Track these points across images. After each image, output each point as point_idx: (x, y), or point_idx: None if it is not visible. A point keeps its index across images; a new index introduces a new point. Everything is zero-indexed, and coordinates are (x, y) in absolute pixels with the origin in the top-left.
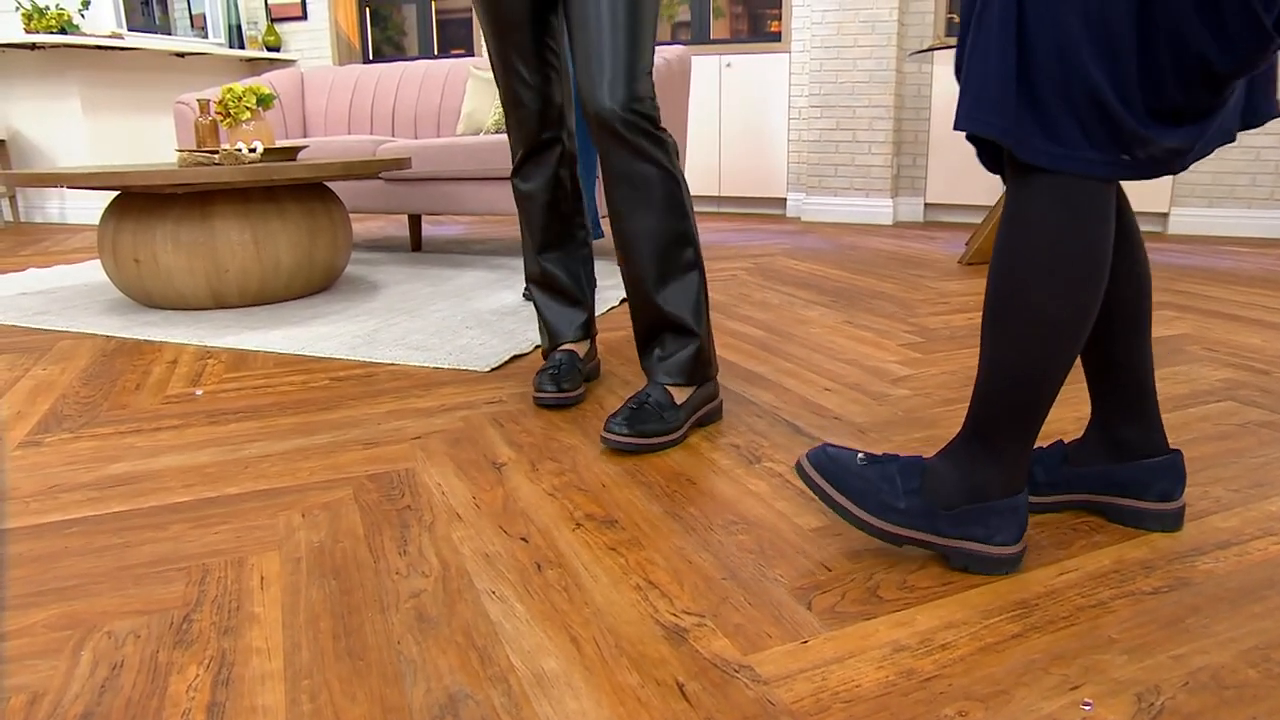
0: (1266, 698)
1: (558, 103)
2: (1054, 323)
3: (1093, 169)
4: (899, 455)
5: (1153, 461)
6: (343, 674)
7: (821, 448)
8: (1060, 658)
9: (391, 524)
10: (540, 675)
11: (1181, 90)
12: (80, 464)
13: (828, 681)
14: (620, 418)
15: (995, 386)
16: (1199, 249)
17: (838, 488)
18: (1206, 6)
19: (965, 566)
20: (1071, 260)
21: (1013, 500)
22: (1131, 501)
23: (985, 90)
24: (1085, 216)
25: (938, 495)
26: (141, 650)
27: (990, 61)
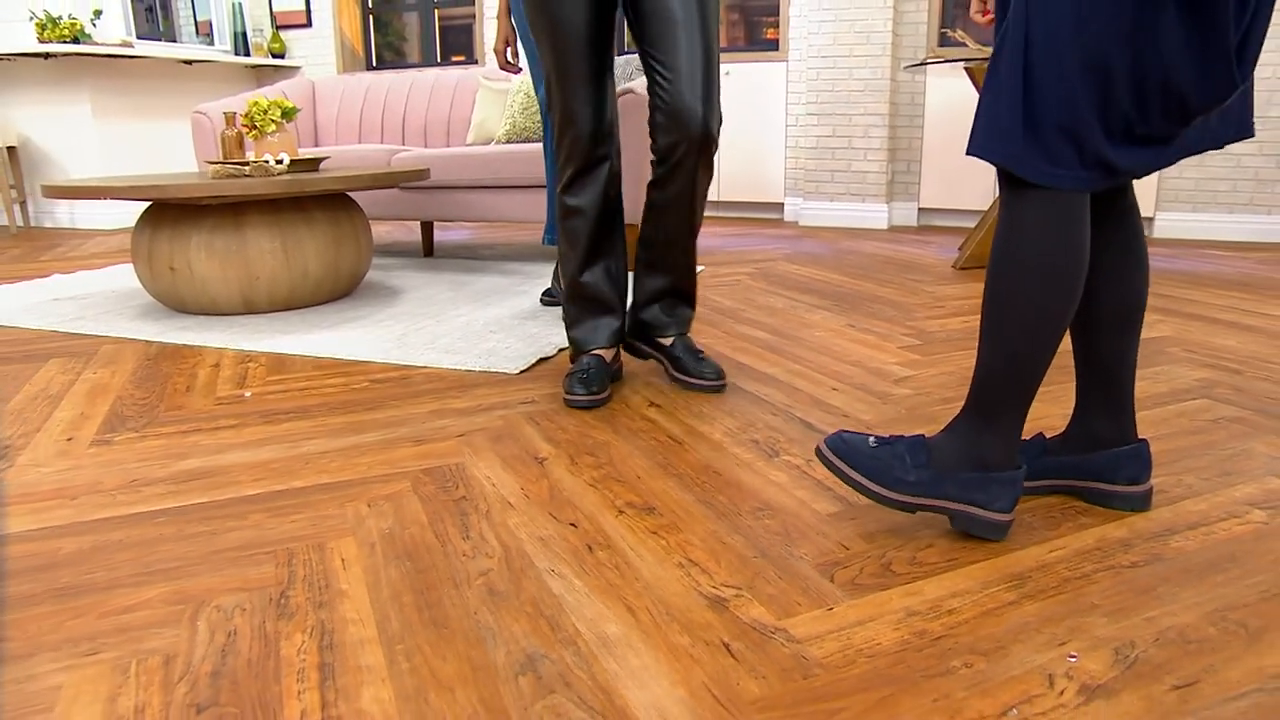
0: (1222, 649)
1: (610, 120)
2: (1049, 312)
3: (1080, 184)
4: (905, 435)
5: (1121, 450)
6: (431, 639)
7: (838, 434)
8: (1050, 620)
9: (451, 512)
10: (604, 638)
11: (1159, 122)
12: (153, 460)
13: (852, 640)
14: (709, 368)
15: (997, 368)
16: (1183, 253)
17: (854, 467)
18: (1194, 58)
19: (966, 528)
20: (1063, 259)
21: (1013, 474)
22: (1103, 485)
23: (996, 123)
24: (1072, 222)
25: (944, 464)
26: (250, 620)
27: (1001, 99)
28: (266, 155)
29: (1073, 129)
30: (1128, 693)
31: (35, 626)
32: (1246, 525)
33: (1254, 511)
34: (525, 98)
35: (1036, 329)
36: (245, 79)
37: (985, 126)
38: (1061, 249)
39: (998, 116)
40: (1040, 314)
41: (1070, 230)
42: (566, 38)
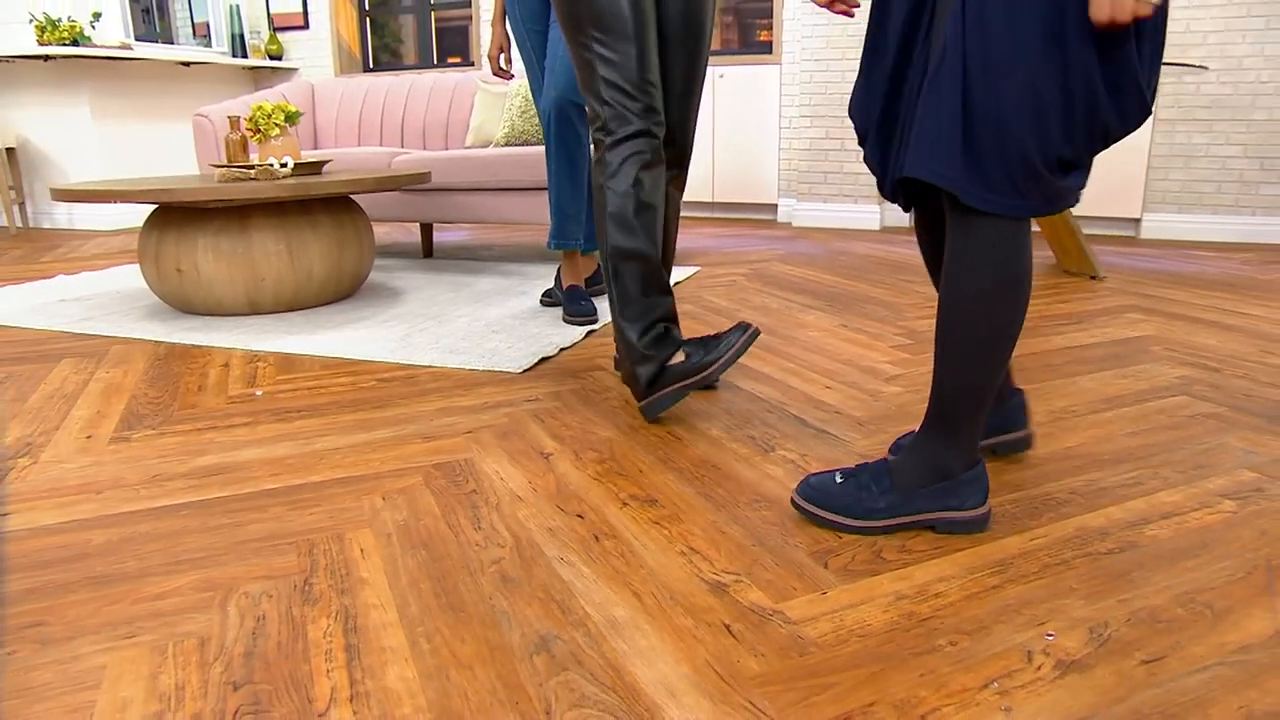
0: (1189, 628)
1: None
2: (1002, 331)
3: (1019, 211)
4: (867, 463)
5: (1010, 402)
6: (449, 622)
7: (805, 481)
8: (1030, 603)
9: (462, 505)
10: (612, 621)
11: (1084, 148)
12: (172, 457)
13: (844, 621)
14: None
15: (955, 386)
16: (1168, 253)
17: (828, 509)
18: (1115, 93)
19: (949, 530)
20: (1013, 282)
21: (974, 471)
22: (1005, 436)
23: (937, 145)
24: (1018, 247)
25: (909, 484)
26: (277, 606)
27: (942, 122)
28: (271, 159)
29: (1011, 158)
30: (1100, 667)
31: (74, 612)
32: (1217, 515)
33: (1224, 502)
34: (524, 101)
35: (992, 346)
36: (243, 81)
37: (927, 147)
38: (1012, 272)
39: (939, 139)
40: (995, 332)
41: (1018, 255)
42: (648, 35)
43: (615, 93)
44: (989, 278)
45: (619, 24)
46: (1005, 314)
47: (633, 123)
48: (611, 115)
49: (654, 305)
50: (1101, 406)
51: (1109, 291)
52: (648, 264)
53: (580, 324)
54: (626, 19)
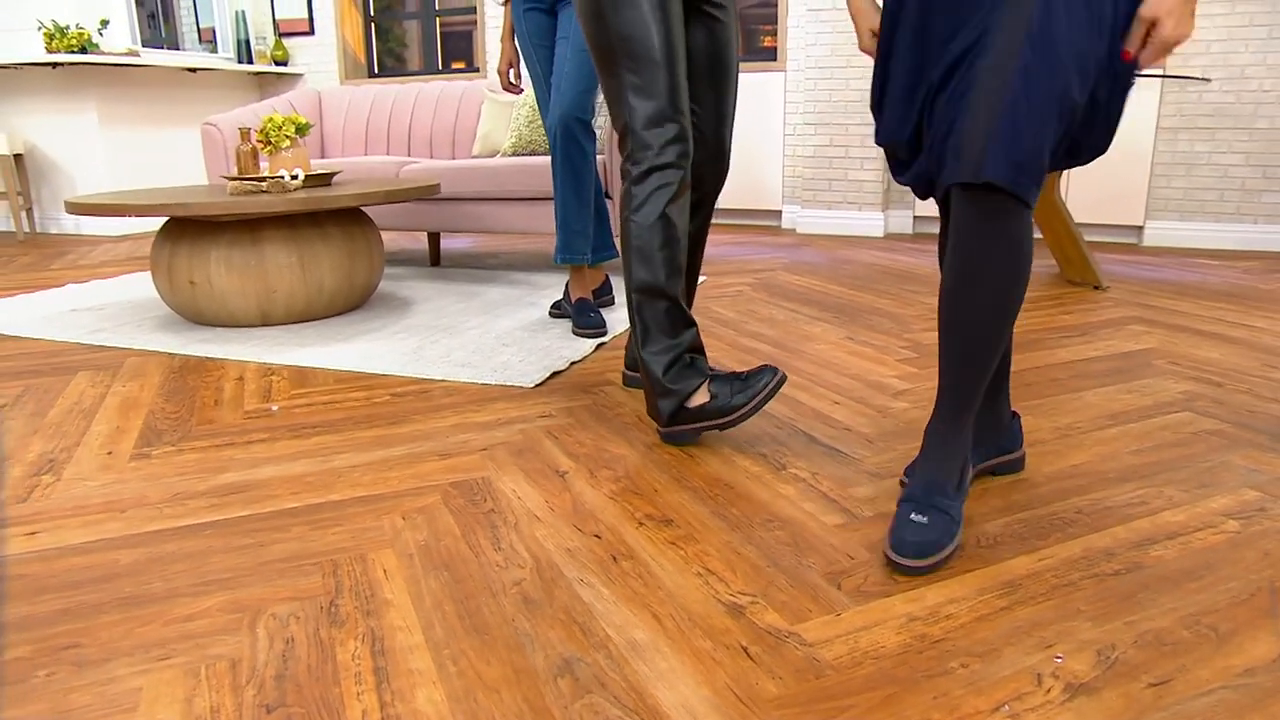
0: (1195, 650)
1: None
2: (1018, 307)
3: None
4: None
5: (1012, 424)
6: (475, 645)
7: (902, 541)
8: (1039, 625)
9: (481, 525)
10: (633, 643)
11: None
12: (191, 474)
13: (859, 644)
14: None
15: (980, 368)
16: (1171, 262)
17: (940, 550)
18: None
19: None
20: (1029, 263)
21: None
22: (1006, 457)
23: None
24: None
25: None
26: (305, 628)
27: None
28: (282, 170)
29: (1041, 156)
30: (1108, 690)
31: (107, 634)
32: (1221, 535)
33: (1228, 522)
34: (530, 111)
35: (1009, 323)
36: (248, 86)
37: (1008, 155)
38: (1028, 254)
39: (1020, 146)
40: (1013, 310)
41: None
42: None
43: (645, 122)
44: (1023, 270)
45: (649, 52)
46: (1022, 293)
47: (662, 154)
48: (639, 145)
49: (678, 339)
50: (1106, 423)
51: (1112, 302)
52: (669, 299)
53: (589, 337)
54: (656, 47)
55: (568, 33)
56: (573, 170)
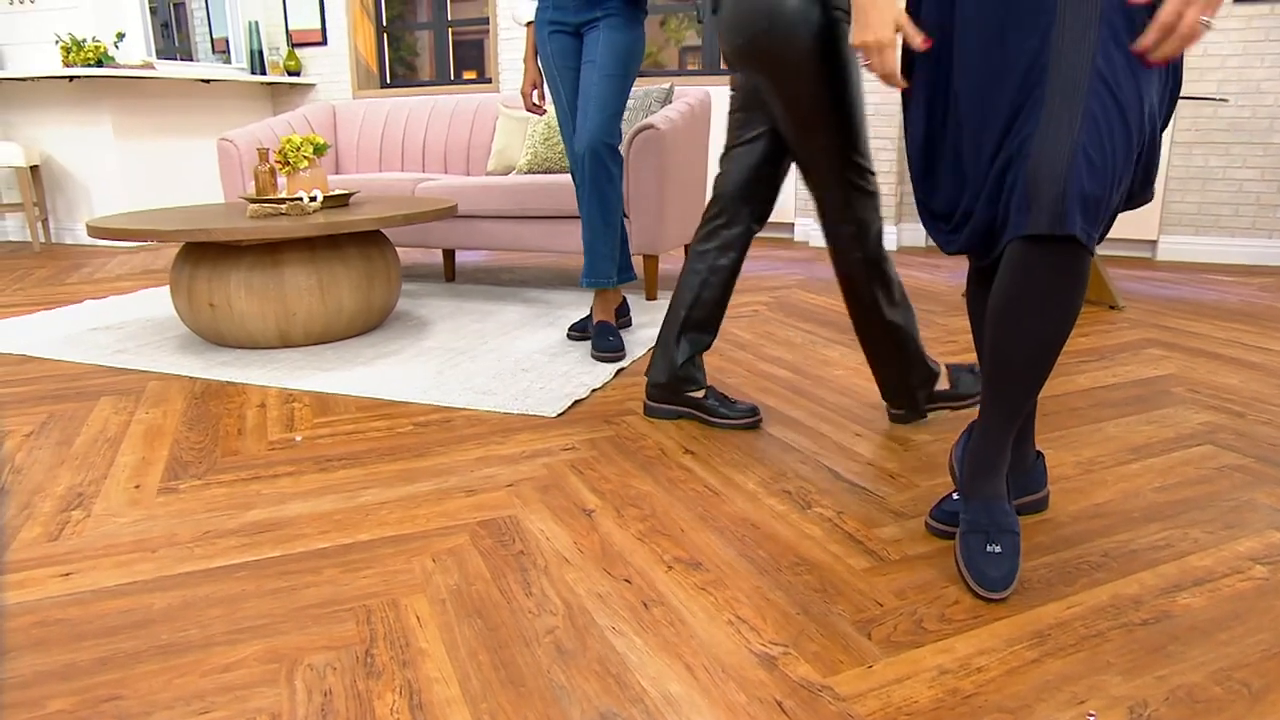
0: (1227, 709)
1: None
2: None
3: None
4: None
5: (1037, 463)
6: (511, 698)
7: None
8: (1069, 678)
9: (511, 568)
10: (668, 696)
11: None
12: (220, 511)
13: (892, 699)
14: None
15: (1032, 399)
16: (1185, 278)
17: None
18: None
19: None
20: (1081, 300)
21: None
22: (1030, 497)
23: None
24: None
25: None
26: (342, 680)
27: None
28: (300, 191)
29: (1107, 206)
30: None
31: (146, 685)
32: (1249, 581)
33: (1256, 567)
34: (546, 128)
35: (1057, 355)
36: (262, 97)
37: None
38: (1083, 293)
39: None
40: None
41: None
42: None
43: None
44: (1079, 302)
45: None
46: (1070, 330)
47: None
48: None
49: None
50: (1128, 457)
51: (1129, 323)
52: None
53: (608, 361)
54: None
55: (594, 56)
56: (600, 196)
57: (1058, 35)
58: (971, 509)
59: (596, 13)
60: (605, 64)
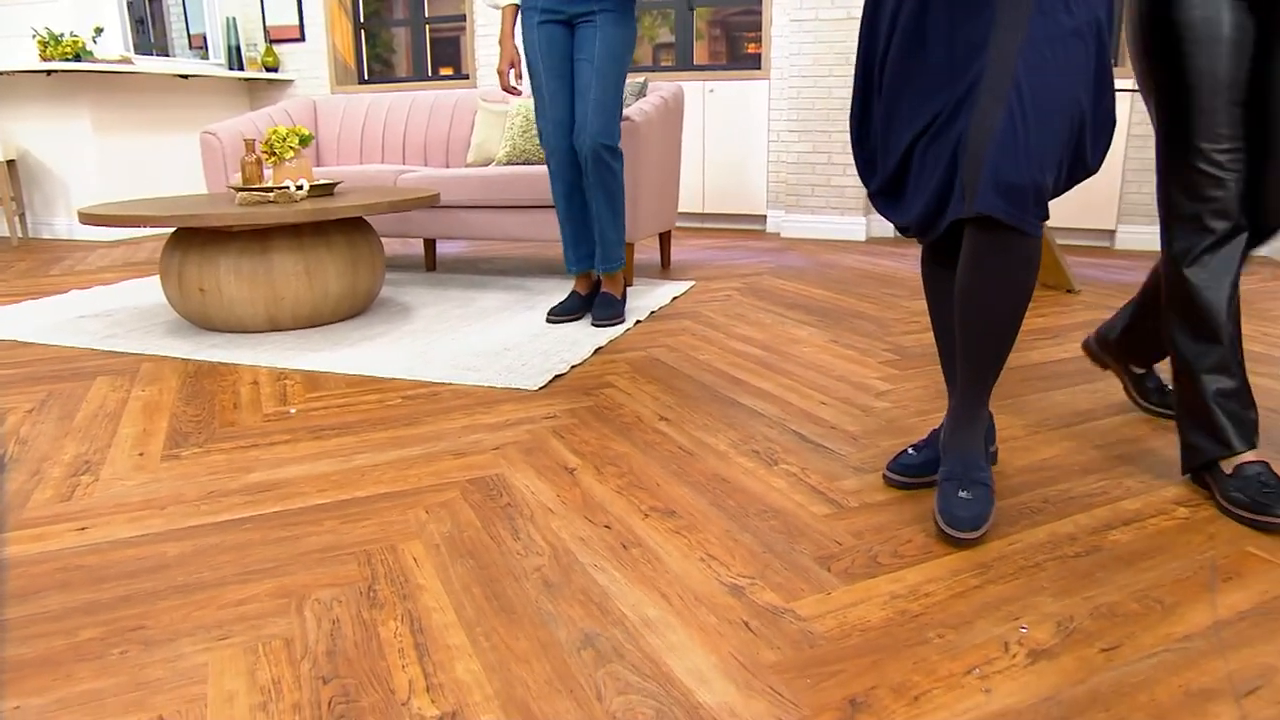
0: (1142, 620)
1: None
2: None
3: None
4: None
5: (989, 423)
6: (503, 623)
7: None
8: (1007, 600)
9: (499, 517)
10: (646, 619)
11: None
12: (222, 474)
13: (847, 618)
14: None
15: (996, 371)
16: (1141, 265)
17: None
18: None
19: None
20: (1034, 281)
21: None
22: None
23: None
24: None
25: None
26: (348, 610)
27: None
28: (287, 181)
29: (1045, 188)
30: (1065, 655)
31: (168, 617)
32: (1172, 521)
33: (1179, 509)
34: (524, 120)
35: (1016, 332)
36: (240, 93)
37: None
38: (1034, 275)
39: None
40: (1018, 321)
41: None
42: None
43: None
44: (1030, 284)
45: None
46: (1029, 296)
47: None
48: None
49: None
50: (1073, 420)
51: (1083, 305)
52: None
53: (609, 324)
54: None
55: (590, 55)
56: (607, 193)
57: (993, 33)
58: (949, 460)
59: (593, 6)
60: (603, 64)
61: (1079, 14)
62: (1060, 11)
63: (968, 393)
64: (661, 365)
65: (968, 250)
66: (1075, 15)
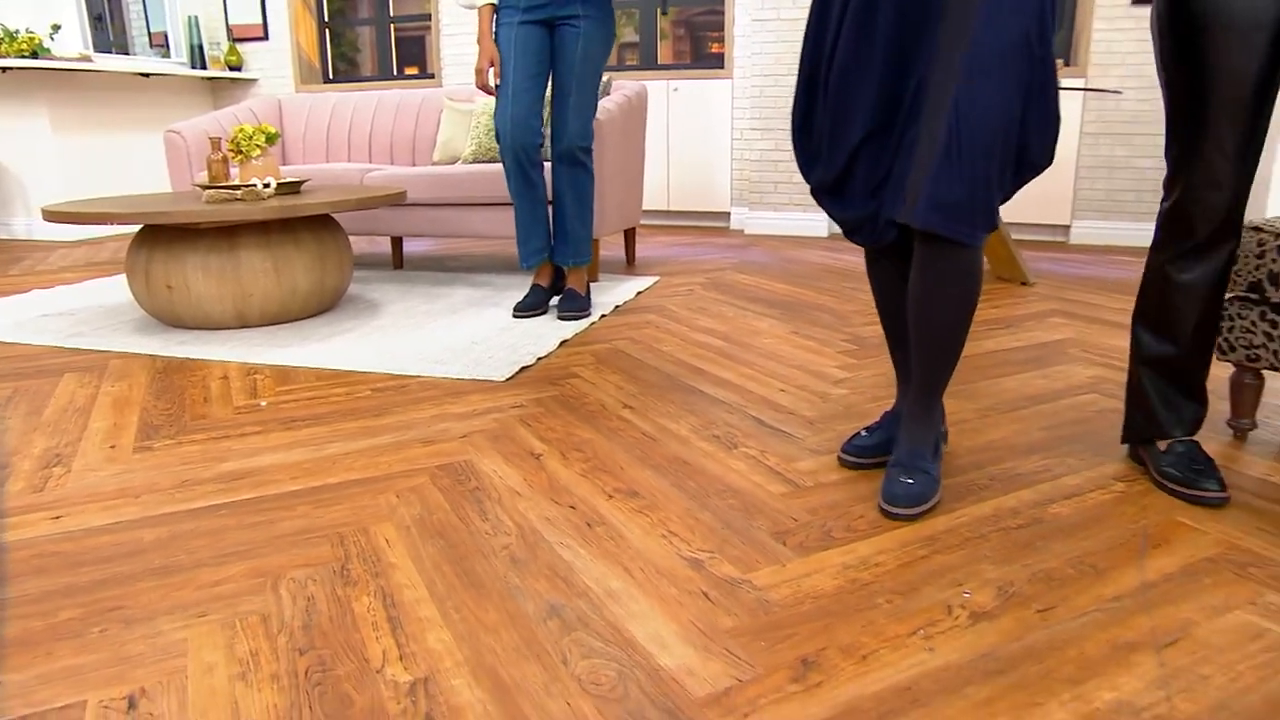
0: (1076, 584)
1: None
2: (973, 312)
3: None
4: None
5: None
6: (472, 597)
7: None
8: (952, 568)
9: (468, 500)
10: (610, 591)
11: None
12: (195, 463)
13: (801, 587)
14: None
15: (948, 371)
16: (1094, 259)
17: (925, 500)
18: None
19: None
20: (979, 287)
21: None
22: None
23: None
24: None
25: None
26: (323, 588)
27: (941, 175)
28: (254, 179)
29: (991, 203)
30: (1005, 616)
31: (146, 598)
32: (1110, 494)
33: (1117, 484)
34: (490, 119)
35: (966, 333)
36: (202, 92)
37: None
38: (979, 282)
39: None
40: (967, 324)
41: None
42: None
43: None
44: (973, 292)
45: None
46: (976, 300)
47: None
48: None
49: None
50: (1022, 404)
51: (1037, 297)
52: None
53: (575, 318)
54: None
55: (571, 60)
56: (578, 189)
57: (940, 38)
58: (897, 450)
59: (576, 10)
60: (583, 68)
61: (1024, 17)
62: (1006, 14)
63: (920, 390)
64: (625, 356)
65: (915, 259)
66: (1021, 18)
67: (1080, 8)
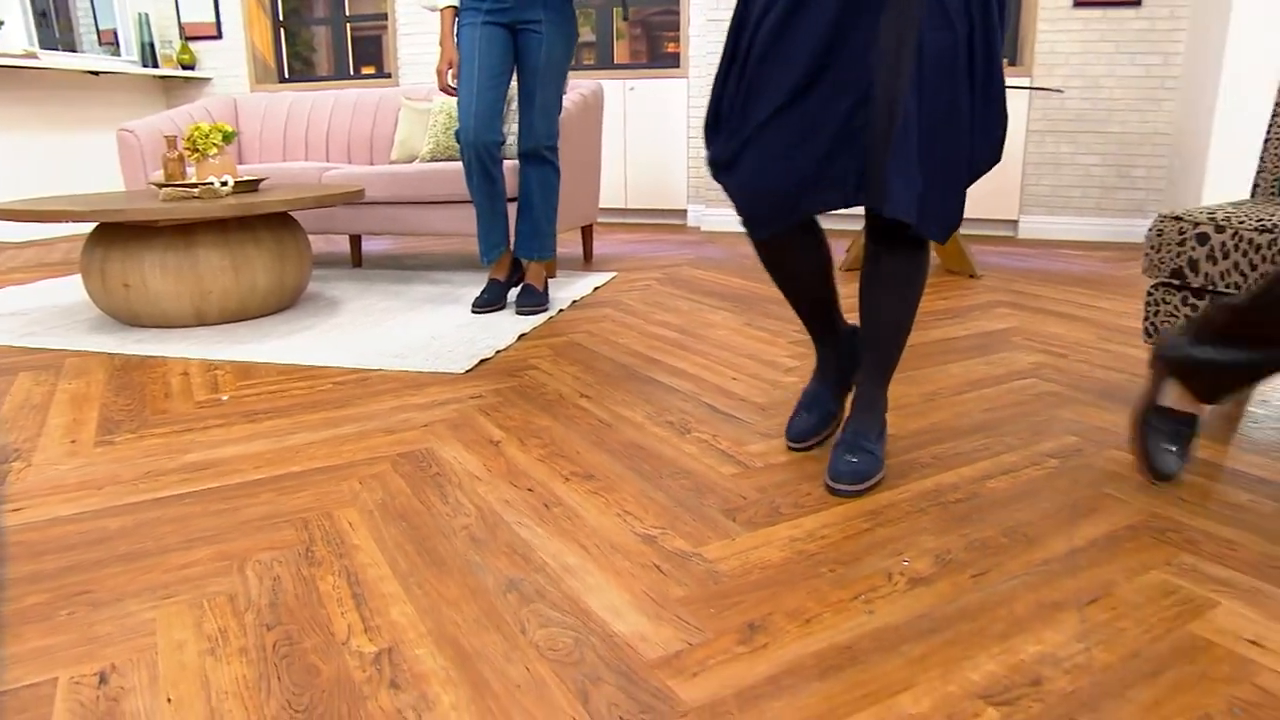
0: (1009, 550)
1: None
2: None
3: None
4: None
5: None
6: (434, 574)
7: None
8: (892, 539)
9: (429, 485)
10: (566, 566)
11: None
12: (158, 456)
13: (749, 559)
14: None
15: (898, 357)
16: (1041, 252)
17: (871, 475)
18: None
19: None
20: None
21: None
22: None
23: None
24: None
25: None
26: (288, 569)
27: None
28: (211, 177)
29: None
30: (941, 581)
31: (113, 582)
32: (1044, 470)
33: (1051, 460)
34: (447, 118)
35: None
36: (154, 91)
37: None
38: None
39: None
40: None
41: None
42: None
43: None
44: (924, 284)
45: None
46: (922, 290)
47: None
48: None
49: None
50: (964, 389)
51: (984, 289)
52: None
53: (533, 313)
54: None
55: (536, 63)
56: (545, 186)
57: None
58: (844, 431)
59: (539, 14)
60: (547, 71)
61: (971, 19)
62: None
63: (872, 377)
64: (583, 348)
65: (867, 254)
66: (967, 21)
67: (1025, 10)
